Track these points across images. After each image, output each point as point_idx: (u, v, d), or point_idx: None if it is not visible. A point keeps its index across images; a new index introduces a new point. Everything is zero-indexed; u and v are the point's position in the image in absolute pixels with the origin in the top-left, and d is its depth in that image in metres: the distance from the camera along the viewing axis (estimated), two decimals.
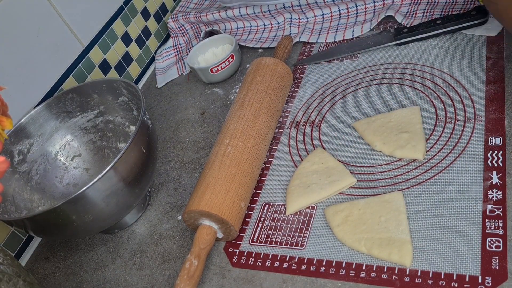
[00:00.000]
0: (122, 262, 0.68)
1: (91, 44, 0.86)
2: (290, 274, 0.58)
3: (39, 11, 0.76)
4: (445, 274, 0.52)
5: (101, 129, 0.78)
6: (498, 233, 0.53)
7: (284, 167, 0.70)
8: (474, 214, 0.55)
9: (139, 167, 0.63)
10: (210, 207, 0.61)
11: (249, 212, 0.66)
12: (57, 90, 0.80)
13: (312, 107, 0.76)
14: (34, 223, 0.60)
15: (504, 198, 0.55)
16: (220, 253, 0.63)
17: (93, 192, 0.58)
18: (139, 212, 0.72)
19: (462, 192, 0.58)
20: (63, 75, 0.81)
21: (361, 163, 0.65)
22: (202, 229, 0.62)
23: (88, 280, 0.67)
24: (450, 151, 0.62)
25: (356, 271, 0.55)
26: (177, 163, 0.78)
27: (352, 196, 0.62)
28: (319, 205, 0.63)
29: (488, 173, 0.58)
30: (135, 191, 0.65)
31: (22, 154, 0.72)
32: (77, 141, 0.78)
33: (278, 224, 0.63)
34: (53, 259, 0.72)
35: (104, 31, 0.88)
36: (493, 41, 0.72)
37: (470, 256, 0.52)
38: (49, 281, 0.69)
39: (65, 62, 0.82)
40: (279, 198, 0.66)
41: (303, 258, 0.59)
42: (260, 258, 0.61)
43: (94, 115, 0.77)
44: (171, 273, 0.64)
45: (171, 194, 0.74)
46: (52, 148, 0.76)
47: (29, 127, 0.73)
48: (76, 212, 0.59)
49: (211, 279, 0.61)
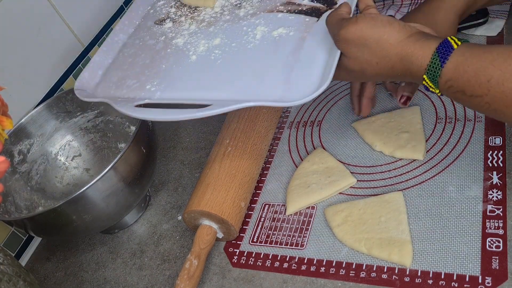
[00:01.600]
0: (122, 262, 0.67)
1: (91, 44, 0.86)
2: (290, 274, 0.58)
3: (39, 11, 0.76)
4: (445, 274, 0.52)
5: (101, 129, 0.78)
6: (498, 233, 0.53)
7: (284, 167, 0.69)
8: (474, 214, 0.55)
9: (139, 167, 0.63)
10: (210, 207, 0.61)
11: (249, 212, 0.66)
12: (57, 90, 0.80)
13: (312, 107, 0.76)
14: (34, 223, 0.60)
15: (504, 198, 0.55)
16: (220, 253, 0.63)
17: (93, 192, 0.58)
18: (139, 212, 0.72)
19: (462, 192, 0.58)
20: (63, 75, 0.81)
21: (361, 163, 0.65)
22: (202, 229, 0.62)
23: (88, 280, 0.67)
24: (450, 151, 0.62)
25: (356, 271, 0.55)
26: (177, 163, 0.78)
27: (352, 196, 0.62)
28: (319, 205, 0.63)
29: (488, 173, 0.58)
30: (135, 191, 0.64)
31: (22, 154, 0.72)
32: (77, 141, 0.77)
33: (278, 224, 0.63)
34: (53, 259, 0.72)
35: (104, 30, 0.88)
36: (494, 41, 0.72)
37: (470, 256, 0.52)
38: (49, 281, 0.69)
39: (65, 62, 0.82)
40: (279, 198, 0.66)
41: (303, 258, 0.59)
42: (260, 258, 0.61)
43: (94, 115, 0.76)
44: (171, 273, 0.64)
45: (171, 194, 0.73)
46: (52, 148, 0.76)
47: (29, 127, 0.73)
48: (76, 212, 0.59)
49: (211, 279, 0.61)
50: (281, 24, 0.64)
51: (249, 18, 0.67)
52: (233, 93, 0.58)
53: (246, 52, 0.63)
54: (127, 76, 0.68)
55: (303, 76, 0.56)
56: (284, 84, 0.56)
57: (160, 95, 0.62)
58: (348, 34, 0.51)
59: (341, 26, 0.51)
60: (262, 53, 0.61)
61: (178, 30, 0.72)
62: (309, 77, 0.55)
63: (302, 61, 0.58)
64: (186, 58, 0.66)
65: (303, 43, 0.60)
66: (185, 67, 0.65)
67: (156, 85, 0.63)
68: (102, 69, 0.71)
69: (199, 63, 0.64)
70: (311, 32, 0.61)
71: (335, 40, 0.53)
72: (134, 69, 0.68)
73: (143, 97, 0.62)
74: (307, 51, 0.59)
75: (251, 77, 0.59)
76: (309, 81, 0.55)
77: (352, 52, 0.52)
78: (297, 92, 0.54)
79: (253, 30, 0.65)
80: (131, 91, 0.65)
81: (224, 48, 0.65)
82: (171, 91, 0.62)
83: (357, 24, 0.50)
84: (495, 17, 0.74)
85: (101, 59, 0.73)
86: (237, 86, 0.59)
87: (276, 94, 0.55)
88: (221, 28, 0.68)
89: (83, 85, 0.69)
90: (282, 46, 0.61)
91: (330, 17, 0.54)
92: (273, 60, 0.60)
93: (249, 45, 0.63)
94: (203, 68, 0.63)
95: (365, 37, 0.50)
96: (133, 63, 0.69)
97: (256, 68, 0.60)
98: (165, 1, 0.79)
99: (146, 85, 0.64)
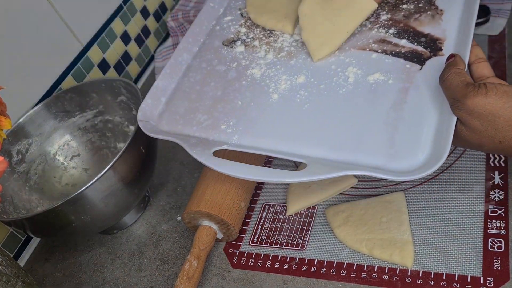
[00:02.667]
0: (121, 263, 0.67)
1: (90, 43, 0.85)
2: (290, 275, 0.58)
3: (38, 10, 0.76)
4: (447, 274, 0.52)
5: (100, 129, 0.77)
6: (500, 234, 0.53)
7: (284, 167, 0.69)
8: (476, 214, 0.55)
9: (138, 167, 0.63)
10: (210, 207, 0.60)
11: (249, 213, 0.66)
12: (56, 90, 0.80)
13: None
14: (33, 224, 0.60)
15: (506, 198, 0.55)
16: (220, 254, 0.63)
17: (92, 192, 0.58)
18: (138, 213, 0.72)
19: (464, 192, 0.57)
20: (62, 75, 0.81)
21: None
22: (202, 230, 0.62)
23: (87, 281, 0.67)
24: (452, 151, 0.62)
25: (357, 272, 0.55)
26: (176, 163, 0.78)
27: (353, 197, 0.62)
28: (319, 205, 0.63)
29: (490, 173, 0.58)
30: (134, 192, 0.64)
31: (20, 154, 0.72)
32: (76, 141, 0.77)
33: (278, 225, 0.63)
34: (52, 260, 0.72)
35: (103, 30, 0.88)
36: (495, 40, 0.72)
37: (472, 257, 0.52)
38: (48, 281, 0.69)
39: (64, 62, 0.81)
40: (280, 198, 0.66)
41: (304, 259, 0.58)
42: (260, 259, 0.60)
43: (93, 114, 0.76)
44: (170, 274, 0.63)
45: (171, 195, 0.73)
46: (51, 148, 0.75)
47: (28, 127, 0.73)
48: (75, 213, 0.59)
49: (210, 280, 0.61)
50: (377, 68, 0.57)
51: (338, 55, 0.60)
52: (326, 152, 0.52)
53: (338, 99, 0.55)
54: (196, 109, 0.61)
55: (409, 140, 0.50)
56: (389, 149, 0.50)
57: (239, 140, 0.56)
58: (474, 106, 0.45)
59: (467, 95, 0.45)
60: (357, 103, 0.55)
61: (252, 57, 0.64)
62: (416, 142, 0.49)
63: (406, 120, 0.51)
64: (266, 96, 0.59)
65: (406, 96, 0.53)
66: (266, 107, 0.58)
67: (233, 126, 0.57)
68: (166, 96, 0.64)
69: (282, 105, 0.58)
70: (415, 84, 0.54)
71: (455, 106, 0.47)
72: (203, 101, 0.61)
73: (218, 140, 0.56)
74: (412, 108, 0.52)
75: (349, 135, 0.52)
76: (417, 146, 0.49)
77: (473, 125, 0.46)
78: (404, 160, 0.49)
79: (344, 71, 0.58)
80: (203, 129, 0.58)
81: (310, 89, 0.57)
82: (251, 137, 0.56)
83: (488, 97, 0.45)
84: (497, 16, 0.74)
85: (165, 84, 0.65)
86: (333, 144, 0.52)
87: (379, 161, 0.49)
88: (304, 63, 0.61)
89: (146, 115, 0.62)
90: (381, 96, 0.54)
91: (450, 78, 0.48)
92: (373, 114, 0.53)
93: (341, 89, 0.56)
94: (288, 113, 0.57)
95: (495, 115, 0.45)
96: (201, 93, 0.62)
97: (352, 122, 0.53)
98: (233, 17, 0.71)
99: (220, 125, 0.58)
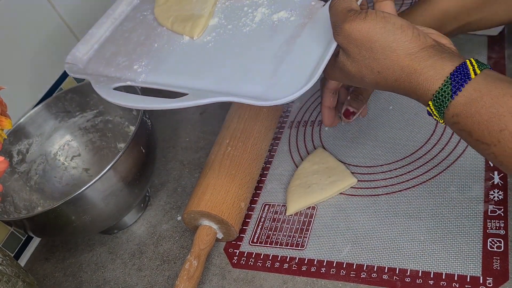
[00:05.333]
0: (122, 262, 0.67)
1: None
2: (290, 275, 0.58)
3: (38, 10, 0.76)
4: (446, 274, 0.52)
5: (101, 129, 0.77)
6: (499, 234, 0.53)
7: (284, 167, 0.69)
8: (475, 214, 0.55)
9: (138, 167, 0.63)
10: (210, 207, 0.60)
11: (249, 213, 0.66)
12: (56, 90, 0.80)
13: (312, 107, 0.76)
14: (33, 224, 0.60)
15: (505, 198, 0.55)
16: (220, 254, 0.63)
17: (93, 192, 0.58)
18: (138, 213, 0.72)
19: (463, 192, 0.57)
20: (62, 75, 0.81)
21: (362, 163, 0.65)
22: (202, 230, 0.62)
23: (87, 280, 0.67)
24: (451, 151, 0.62)
25: (357, 272, 0.55)
26: (176, 163, 0.78)
27: (353, 197, 0.62)
28: (319, 205, 0.63)
29: (489, 173, 0.58)
30: (135, 191, 0.64)
31: (21, 154, 0.72)
32: (77, 141, 0.77)
33: (278, 225, 0.63)
34: (53, 260, 0.72)
35: None
36: (495, 41, 0.72)
37: (471, 257, 0.52)
38: (48, 281, 0.69)
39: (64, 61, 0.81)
40: (280, 198, 0.66)
41: (304, 259, 0.58)
42: (260, 259, 0.60)
43: (94, 114, 0.76)
44: (170, 274, 0.63)
45: (171, 195, 0.73)
46: (51, 148, 0.76)
47: (28, 127, 0.73)
48: (75, 213, 0.59)
49: (211, 280, 0.61)
50: (284, 7, 0.57)
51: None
52: (212, 84, 0.53)
53: (240, 37, 0.57)
54: (119, 52, 0.63)
55: (292, 71, 0.49)
56: (270, 79, 0.50)
57: (144, 78, 0.58)
58: (351, 30, 0.43)
59: (346, 19, 0.44)
60: (255, 40, 0.55)
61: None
62: (298, 72, 0.48)
63: (294, 53, 0.51)
64: (179, 38, 0.61)
65: (302, 31, 0.53)
66: (176, 48, 0.60)
67: (144, 65, 0.60)
68: (98, 43, 0.66)
69: (190, 46, 0.59)
70: (313, 19, 0.53)
71: (335, 32, 0.45)
72: (128, 45, 0.64)
73: (126, 79, 0.59)
74: (303, 41, 0.52)
75: (236, 67, 0.53)
76: (297, 77, 0.48)
77: (352, 52, 0.45)
78: (281, 89, 0.48)
79: (254, 12, 0.58)
80: (118, 70, 0.61)
81: (219, 30, 0.59)
82: (155, 75, 0.58)
83: (365, 22, 0.43)
84: None
85: (100, 31, 0.67)
86: (218, 76, 0.54)
87: (258, 90, 0.49)
88: (221, 7, 0.62)
89: (75, 59, 0.64)
90: (279, 33, 0.54)
91: (337, 3, 0.46)
92: (265, 49, 0.54)
93: (245, 28, 0.57)
94: (193, 52, 0.59)
95: (371, 40, 0.43)
96: (128, 39, 0.65)
97: (244, 56, 0.54)
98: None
99: (134, 65, 0.61)
